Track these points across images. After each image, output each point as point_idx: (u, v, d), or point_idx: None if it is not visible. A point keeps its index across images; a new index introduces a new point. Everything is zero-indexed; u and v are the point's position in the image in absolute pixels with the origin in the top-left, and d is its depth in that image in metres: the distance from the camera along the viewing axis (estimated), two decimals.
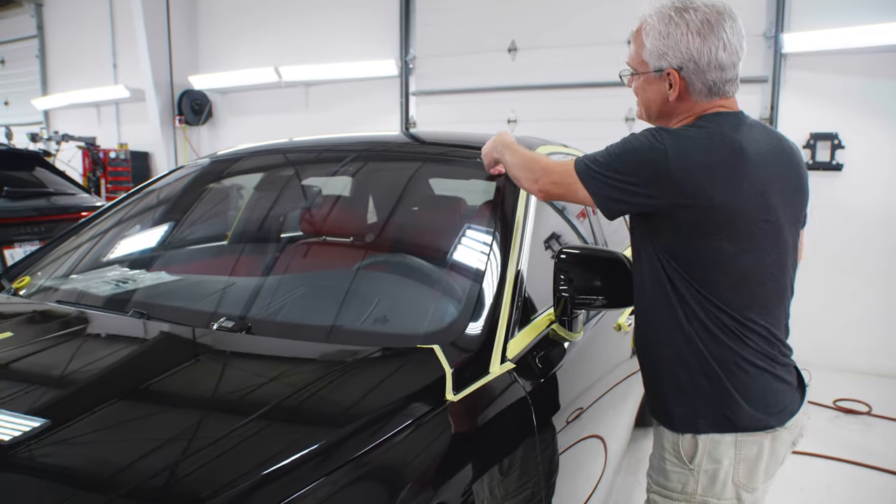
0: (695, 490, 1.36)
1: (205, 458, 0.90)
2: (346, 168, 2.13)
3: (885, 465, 3.38)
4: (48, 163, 5.07)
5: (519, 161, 1.55)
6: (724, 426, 1.33)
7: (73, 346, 1.34)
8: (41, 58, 9.86)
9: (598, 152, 1.39)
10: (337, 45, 6.88)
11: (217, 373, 1.25)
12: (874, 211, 4.89)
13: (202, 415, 1.06)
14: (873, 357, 4.92)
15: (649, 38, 1.39)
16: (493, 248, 1.56)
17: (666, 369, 1.39)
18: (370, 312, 1.47)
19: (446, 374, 1.16)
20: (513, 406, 1.21)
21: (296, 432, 1.00)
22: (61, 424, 1.01)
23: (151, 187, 2.41)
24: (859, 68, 4.84)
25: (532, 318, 1.51)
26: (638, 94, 1.48)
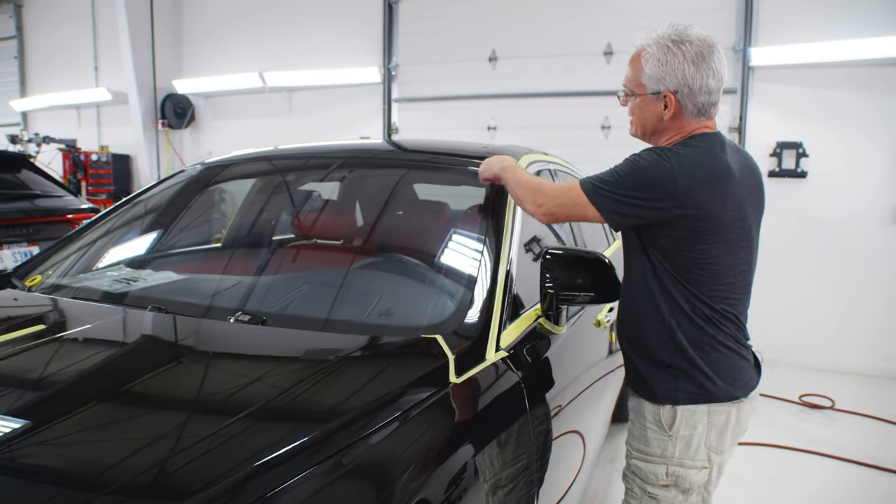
0: (673, 454, 1.59)
1: (249, 424, 1.06)
2: (346, 174, 2.27)
3: (847, 455, 3.59)
4: (34, 165, 5.11)
5: (520, 185, 1.68)
6: (700, 398, 1.57)
7: (104, 337, 1.46)
8: (20, 59, 9.79)
9: (603, 173, 1.55)
10: (321, 52, 7.00)
11: (242, 360, 1.38)
12: (836, 216, 5.15)
13: (237, 394, 1.20)
14: (835, 356, 5.17)
15: (648, 64, 1.55)
16: (486, 249, 1.71)
17: (650, 352, 1.61)
18: (378, 307, 1.61)
19: (449, 359, 1.30)
20: (508, 389, 1.36)
21: (324, 408, 1.14)
22: (107, 401, 1.14)
23: (152, 191, 2.51)
24: (823, 81, 5.11)
25: (521, 313, 1.66)
26: (634, 113, 1.65)
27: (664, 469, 1.61)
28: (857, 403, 4.37)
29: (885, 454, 3.61)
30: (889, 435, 3.99)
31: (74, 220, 4.76)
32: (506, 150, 2.21)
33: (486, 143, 2.41)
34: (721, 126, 5.58)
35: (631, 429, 1.73)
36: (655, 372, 1.61)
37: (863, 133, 5.03)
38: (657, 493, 1.63)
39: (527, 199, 1.65)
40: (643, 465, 1.65)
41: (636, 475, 1.67)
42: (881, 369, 5.04)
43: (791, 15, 5.13)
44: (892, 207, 5.00)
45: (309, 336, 1.46)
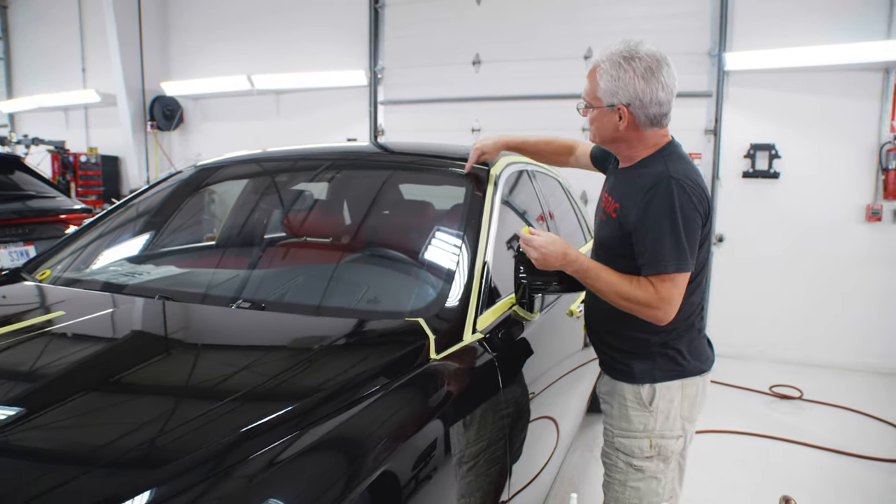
0: (654, 427, 1.76)
1: (248, 393, 1.21)
2: (334, 175, 2.42)
3: (814, 441, 3.79)
4: (27, 166, 5.20)
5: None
6: (675, 374, 1.77)
7: (120, 321, 1.61)
8: (6, 60, 9.82)
9: (667, 243, 1.58)
10: (308, 55, 7.12)
11: (245, 340, 1.53)
12: (808, 216, 5.36)
13: (240, 368, 1.36)
14: (805, 349, 5.39)
15: (603, 79, 1.66)
16: (465, 243, 1.86)
17: (630, 338, 1.77)
18: (366, 295, 1.77)
19: (429, 339, 1.46)
20: (482, 366, 1.51)
21: (317, 378, 1.28)
22: (123, 378, 1.29)
23: (150, 192, 2.65)
24: (795, 85, 5.32)
25: (497, 301, 1.82)
26: (592, 123, 1.76)
27: (647, 442, 1.77)
28: (826, 394, 4.57)
29: (849, 440, 3.81)
30: (854, 423, 4.19)
31: (68, 220, 4.86)
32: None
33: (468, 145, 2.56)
34: (696, 128, 5.81)
35: (609, 410, 1.87)
36: (633, 355, 1.77)
37: (834, 135, 5.24)
38: (642, 465, 1.79)
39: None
40: (627, 441, 1.80)
41: (620, 451, 1.82)
42: (852, 363, 5.26)
43: (764, 21, 5.33)
44: (862, 207, 5.21)
45: (303, 320, 1.61)
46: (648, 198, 1.63)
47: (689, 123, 5.58)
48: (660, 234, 1.60)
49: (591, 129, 1.78)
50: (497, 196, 2.11)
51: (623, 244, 1.70)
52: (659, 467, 1.80)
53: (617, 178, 1.83)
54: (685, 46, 5.56)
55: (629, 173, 1.76)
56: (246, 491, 0.92)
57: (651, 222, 1.61)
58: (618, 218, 1.72)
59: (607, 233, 1.78)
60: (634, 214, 1.66)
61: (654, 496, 1.80)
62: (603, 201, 1.86)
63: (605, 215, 1.81)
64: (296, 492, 0.95)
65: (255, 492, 0.93)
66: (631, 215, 1.67)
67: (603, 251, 1.81)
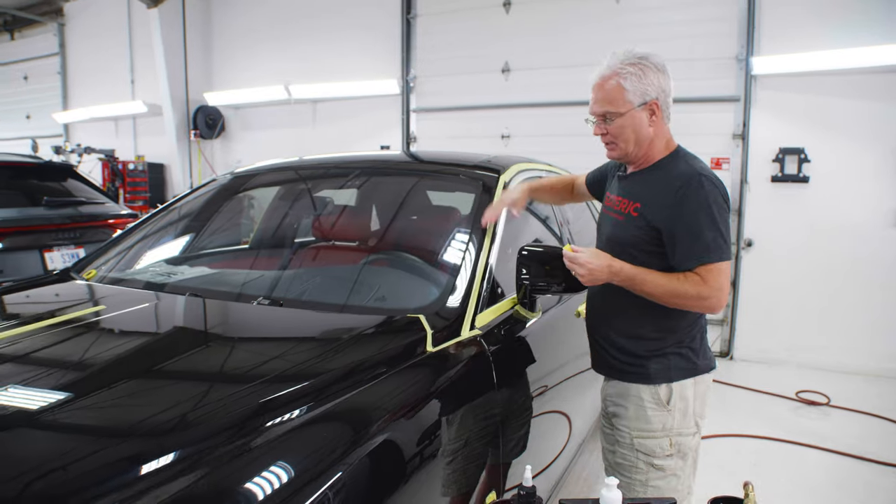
0: (672, 426, 1.81)
1: (266, 375, 1.40)
2: (352, 182, 2.58)
3: (839, 447, 3.77)
4: (79, 174, 5.52)
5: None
6: (689, 373, 1.82)
7: (157, 314, 1.80)
8: (62, 74, 10.38)
9: (708, 235, 1.65)
10: (343, 65, 7.36)
11: (263, 331, 1.71)
12: (838, 220, 5.30)
13: (258, 354, 1.55)
14: (834, 354, 5.32)
15: (627, 82, 1.72)
16: (469, 246, 1.99)
17: (648, 339, 1.81)
18: (374, 294, 1.92)
19: (427, 333, 1.59)
20: (477, 360, 1.64)
21: (323, 367, 1.43)
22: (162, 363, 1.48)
23: (187, 198, 2.85)
24: (824, 88, 5.28)
25: (499, 300, 1.94)
26: (620, 133, 1.76)
27: (667, 441, 1.80)
28: (854, 401, 4.52)
29: (874, 447, 3.78)
30: (880, 429, 4.15)
31: (115, 224, 5.16)
32: (498, 162, 2.50)
33: (482, 154, 2.68)
34: (724, 133, 5.80)
35: (622, 413, 1.87)
36: (649, 356, 1.80)
37: (863, 138, 5.18)
38: (662, 464, 1.82)
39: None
40: (647, 442, 1.82)
41: (640, 452, 1.83)
42: (882, 369, 5.17)
43: (792, 25, 5.31)
44: (892, 211, 5.14)
45: (315, 315, 1.77)
46: (681, 195, 1.68)
47: (717, 128, 5.59)
48: (699, 228, 1.66)
49: (617, 141, 1.79)
50: None
51: (646, 240, 1.75)
52: (678, 465, 1.83)
53: (629, 182, 1.88)
54: (712, 51, 5.58)
55: (645, 175, 1.82)
56: (266, 449, 1.11)
57: (689, 217, 1.67)
58: (642, 216, 1.76)
59: (625, 231, 1.81)
60: (666, 212, 1.71)
61: (675, 493, 1.84)
62: (614, 204, 1.90)
63: (621, 216, 1.84)
64: (301, 455, 1.12)
65: (273, 450, 1.10)
66: (660, 213, 1.72)
67: (617, 248, 1.81)
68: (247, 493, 1.00)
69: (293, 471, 1.06)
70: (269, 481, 1.02)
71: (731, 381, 5.00)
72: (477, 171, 2.39)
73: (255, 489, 1.01)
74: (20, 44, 11.14)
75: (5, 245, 4.51)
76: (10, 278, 4.33)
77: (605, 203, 2.01)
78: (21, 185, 5.10)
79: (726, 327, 5.78)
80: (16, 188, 5.04)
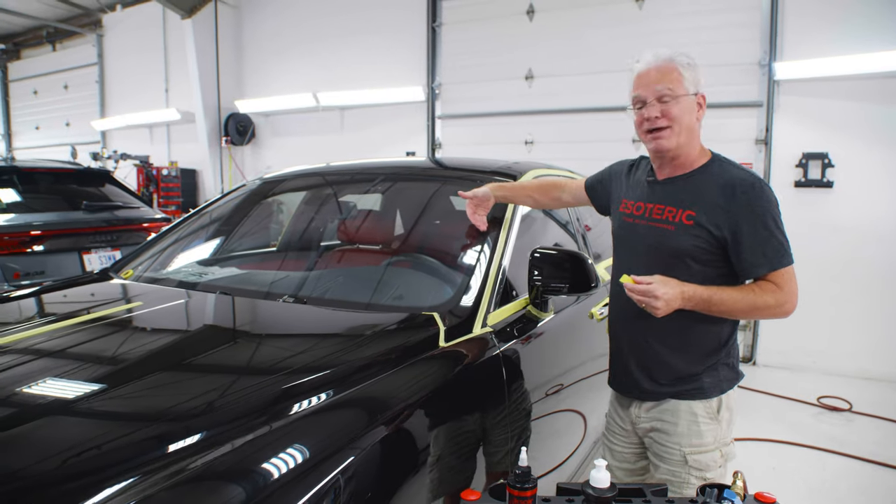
0: (721, 437, 1.80)
1: (290, 363, 1.53)
2: (374, 187, 2.71)
3: (860, 454, 3.77)
4: (115, 179, 5.76)
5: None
6: (733, 381, 1.83)
7: (186, 311, 1.94)
8: (100, 83, 10.75)
9: (776, 240, 1.66)
10: (370, 73, 7.52)
11: (288, 327, 1.83)
12: (862, 224, 5.27)
13: (290, 347, 1.70)
14: (856, 360, 5.28)
15: (686, 70, 1.72)
16: (484, 248, 2.09)
17: (700, 357, 1.78)
18: (392, 293, 2.03)
19: (440, 329, 1.70)
20: (486, 355, 1.73)
21: (341, 359, 1.55)
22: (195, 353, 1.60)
23: (218, 202, 3.00)
24: (847, 93, 5.26)
25: (512, 300, 2.03)
26: (679, 115, 1.72)
27: (718, 452, 1.79)
28: (876, 407, 4.50)
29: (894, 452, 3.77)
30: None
31: (150, 228, 5.37)
32: (517, 168, 2.59)
33: (502, 160, 2.78)
34: (747, 138, 5.80)
35: (671, 429, 1.80)
36: (704, 371, 1.78)
37: (888, 143, 5.14)
38: (713, 476, 1.79)
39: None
40: (702, 457, 1.78)
41: (693, 468, 1.77)
42: None
43: (815, 30, 5.31)
44: None
45: (335, 312, 1.90)
46: (744, 201, 1.65)
47: (740, 133, 5.60)
48: (767, 234, 1.64)
49: (673, 125, 1.72)
50: (520, 207, 2.32)
51: (704, 249, 1.70)
52: (722, 474, 1.82)
53: (668, 188, 1.80)
54: (735, 57, 5.60)
55: (689, 180, 1.76)
56: (297, 427, 1.25)
57: (755, 223, 1.64)
58: (699, 225, 1.70)
59: (679, 241, 1.72)
60: (727, 218, 1.66)
61: None
62: (651, 212, 1.81)
63: (670, 224, 1.75)
64: (327, 432, 1.25)
65: (302, 428, 1.25)
66: (721, 220, 1.67)
67: (668, 259, 1.74)
68: (279, 462, 1.12)
69: (320, 445, 1.19)
70: (301, 453, 1.15)
71: (753, 386, 5.00)
72: (494, 177, 2.48)
73: (287, 460, 1.13)
74: (61, 55, 11.57)
75: (47, 247, 4.74)
76: (51, 278, 4.56)
77: (631, 211, 1.88)
78: (62, 189, 5.35)
79: (749, 333, 5.77)
80: (57, 193, 5.29)
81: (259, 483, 1.07)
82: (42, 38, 11.76)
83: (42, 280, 4.48)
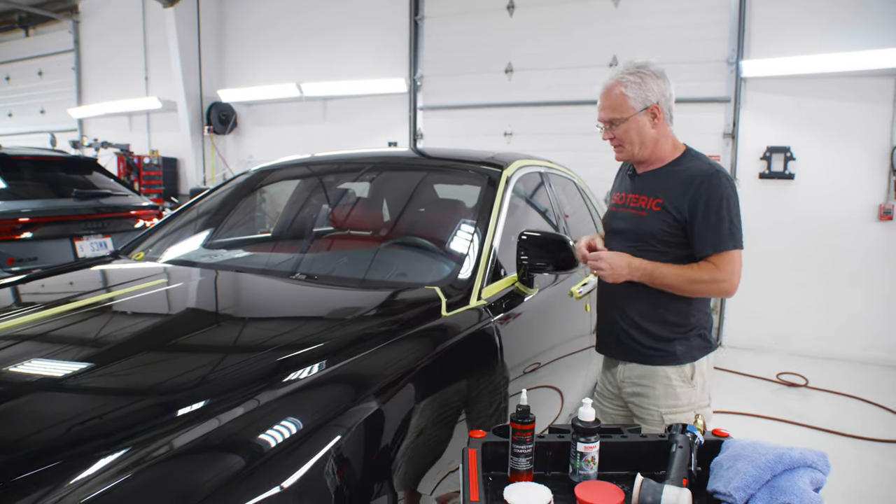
0: (696, 400, 2.01)
1: (301, 329, 1.74)
2: (374, 177, 2.91)
3: (813, 423, 4.10)
4: (103, 168, 5.84)
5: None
6: (705, 351, 2.03)
7: (200, 287, 2.15)
8: (77, 70, 10.67)
9: (725, 226, 1.85)
10: (353, 64, 7.66)
11: (300, 301, 2.04)
12: (823, 215, 5.61)
13: (296, 317, 1.90)
14: (817, 342, 5.65)
15: (629, 90, 1.91)
16: (477, 231, 2.31)
17: (673, 323, 1.98)
18: (396, 271, 2.25)
19: (442, 302, 1.91)
20: (482, 324, 1.96)
21: (354, 327, 1.76)
22: (207, 323, 1.80)
23: (218, 191, 3.16)
24: (810, 91, 5.59)
25: (502, 277, 2.26)
26: (626, 136, 1.96)
27: (692, 414, 1.93)
28: (831, 383, 4.84)
29: (847, 423, 4.10)
30: (854, 408, 4.48)
31: (138, 215, 5.48)
32: (501, 158, 2.81)
33: (487, 151, 2.99)
34: (715, 132, 6.10)
35: (649, 392, 2.02)
36: (674, 339, 1.98)
37: (848, 138, 5.49)
38: None
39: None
40: (677, 418, 1.95)
41: None
42: (861, 356, 5.49)
43: (780, 30, 5.61)
44: (874, 207, 5.45)
45: (346, 288, 2.12)
46: (703, 190, 1.86)
47: (709, 128, 5.90)
48: (716, 219, 1.84)
49: (623, 143, 1.98)
50: (507, 194, 2.54)
51: (669, 232, 1.92)
52: None
53: (644, 180, 2.03)
54: (705, 55, 5.88)
55: (663, 173, 1.99)
56: (320, 381, 1.44)
57: (708, 210, 1.84)
58: (665, 211, 1.92)
59: (650, 225, 1.95)
60: (688, 205, 1.87)
61: None
62: (631, 201, 2.04)
63: (644, 211, 1.98)
64: (347, 386, 1.46)
65: (326, 382, 1.45)
66: (682, 206, 1.88)
67: (640, 242, 1.97)
68: (310, 400, 1.33)
69: (345, 394, 1.40)
70: (326, 398, 1.36)
71: (718, 365, 5.31)
72: (483, 167, 2.70)
73: (310, 405, 1.33)
74: (35, 40, 11.42)
75: (37, 234, 4.81)
76: (44, 265, 4.65)
77: (616, 201, 2.13)
78: (49, 177, 5.41)
79: (716, 316, 6.09)
80: (44, 181, 5.35)
81: (299, 417, 1.28)
82: (14, 22, 11.57)
83: (33, 267, 4.58)
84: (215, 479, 1.07)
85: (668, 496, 1.17)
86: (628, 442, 1.39)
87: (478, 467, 1.25)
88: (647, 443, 1.39)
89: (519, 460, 1.30)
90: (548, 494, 1.21)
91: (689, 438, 1.34)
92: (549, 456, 1.37)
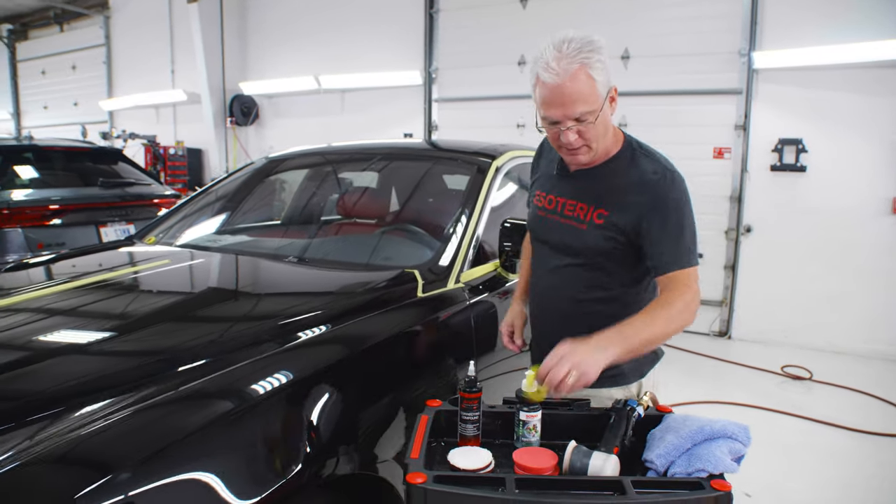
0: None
1: (291, 303, 1.89)
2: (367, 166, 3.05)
3: (815, 416, 4.11)
4: (128, 158, 6.08)
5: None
6: (653, 361, 1.79)
7: (205, 267, 2.30)
8: (107, 64, 11.02)
9: (686, 238, 1.53)
10: (370, 57, 7.81)
11: (292, 280, 2.19)
12: (834, 207, 5.57)
13: (286, 293, 2.08)
14: (825, 335, 5.62)
15: (597, 71, 1.48)
16: (461, 218, 2.42)
17: None
18: (380, 255, 2.39)
19: (418, 283, 2.04)
20: (458, 305, 2.08)
21: (335, 304, 1.90)
22: (208, 299, 1.95)
23: (228, 179, 3.32)
24: (823, 82, 5.54)
25: (484, 263, 2.37)
26: (595, 133, 1.53)
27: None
28: (836, 377, 4.83)
29: (848, 416, 4.11)
30: (857, 402, 4.48)
31: (161, 203, 5.70)
32: (493, 149, 2.91)
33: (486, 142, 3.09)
34: (727, 124, 6.09)
35: None
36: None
37: (859, 130, 5.44)
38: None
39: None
40: None
41: None
42: (869, 350, 5.43)
43: (792, 21, 5.58)
44: (887, 200, 5.40)
45: (331, 270, 2.27)
46: (654, 195, 1.54)
47: (720, 119, 5.90)
48: (679, 230, 1.53)
49: (591, 143, 1.55)
50: (495, 183, 2.64)
51: (617, 249, 1.59)
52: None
53: (578, 181, 1.67)
54: (717, 46, 5.88)
55: (601, 173, 1.63)
56: (307, 347, 1.61)
57: (667, 219, 1.52)
58: (611, 224, 1.58)
59: (590, 241, 1.62)
60: (638, 214, 1.54)
61: None
62: (561, 207, 1.68)
63: (582, 223, 1.63)
64: (332, 352, 1.63)
65: (309, 347, 1.61)
66: (632, 217, 1.55)
67: (580, 258, 1.65)
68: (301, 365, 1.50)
69: (318, 360, 1.57)
70: (317, 364, 1.55)
71: (726, 357, 5.35)
72: (474, 157, 2.81)
73: (306, 367, 1.51)
74: (68, 35, 11.82)
75: (65, 221, 5.06)
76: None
77: (544, 204, 1.74)
78: (77, 167, 5.67)
79: (725, 308, 6.11)
80: (73, 170, 5.61)
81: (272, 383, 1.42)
82: (49, 18, 12.00)
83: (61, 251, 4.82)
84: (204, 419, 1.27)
85: (596, 462, 1.27)
86: (572, 414, 1.49)
87: (426, 431, 1.37)
88: (591, 416, 1.49)
89: (467, 426, 1.42)
90: (488, 457, 1.32)
91: (628, 412, 1.43)
92: (499, 424, 1.48)
